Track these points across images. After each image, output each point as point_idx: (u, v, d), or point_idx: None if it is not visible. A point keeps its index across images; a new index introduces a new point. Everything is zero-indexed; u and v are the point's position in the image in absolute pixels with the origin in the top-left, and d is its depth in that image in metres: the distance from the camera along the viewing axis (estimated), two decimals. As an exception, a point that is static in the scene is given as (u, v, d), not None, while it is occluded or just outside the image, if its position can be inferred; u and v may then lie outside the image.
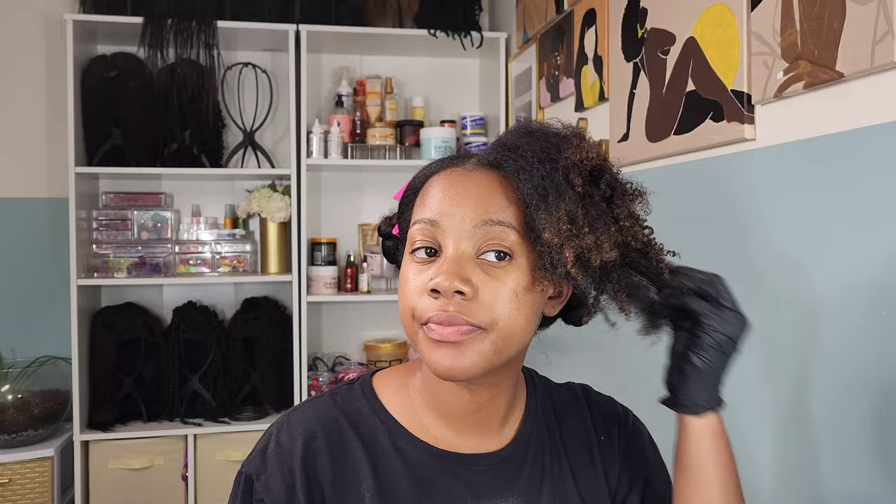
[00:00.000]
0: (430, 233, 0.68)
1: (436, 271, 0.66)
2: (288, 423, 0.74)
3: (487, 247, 0.66)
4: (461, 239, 0.66)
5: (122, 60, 2.55)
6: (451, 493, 0.71)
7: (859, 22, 0.99)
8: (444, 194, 0.68)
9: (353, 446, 0.72)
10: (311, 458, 0.71)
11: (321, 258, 2.67)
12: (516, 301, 0.66)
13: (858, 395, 1.02)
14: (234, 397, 2.63)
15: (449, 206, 0.67)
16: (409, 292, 0.68)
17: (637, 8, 1.63)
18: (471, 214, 0.66)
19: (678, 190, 1.51)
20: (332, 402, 0.76)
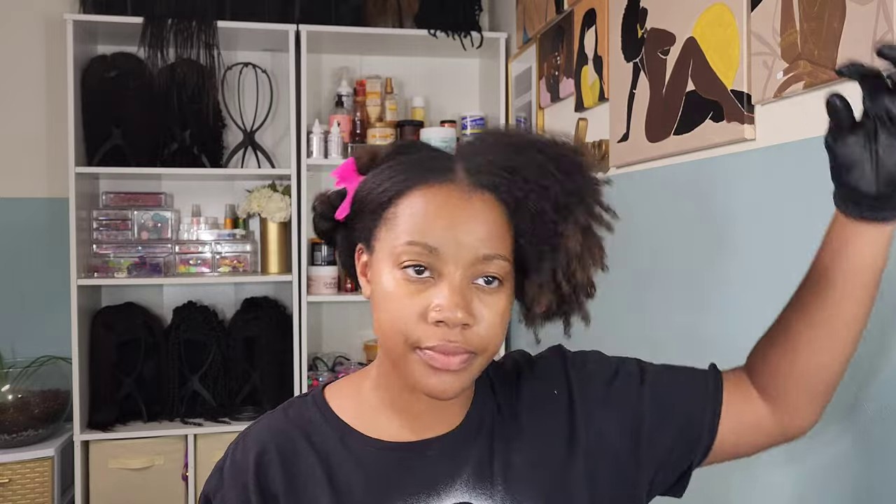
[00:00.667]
0: (426, 256, 0.67)
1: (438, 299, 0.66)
2: (244, 440, 0.76)
3: (481, 273, 0.68)
4: (460, 268, 0.67)
5: (122, 60, 2.55)
6: (405, 484, 0.72)
7: (859, 22, 0.99)
8: (445, 220, 0.67)
9: (305, 455, 0.74)
10: (263, 472, 0.73)
11: (321, 258, 2.67)
12: (503, 324, 0.69)
13: (858, 395, 1.02)
14: (234, 397, 2.63)
15: (452, 234, 0.66)
16: (402, 315, 0.67)
17: (637, 8, 1.63)
18: (475, 247, 0.67)
19: (678, 190, 1.51)
20: (283, 415, 0.78)
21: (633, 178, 1.69)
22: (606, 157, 1.81)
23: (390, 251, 0.68)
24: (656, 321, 1.56)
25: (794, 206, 1.15)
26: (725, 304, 1.34)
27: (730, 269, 1.33)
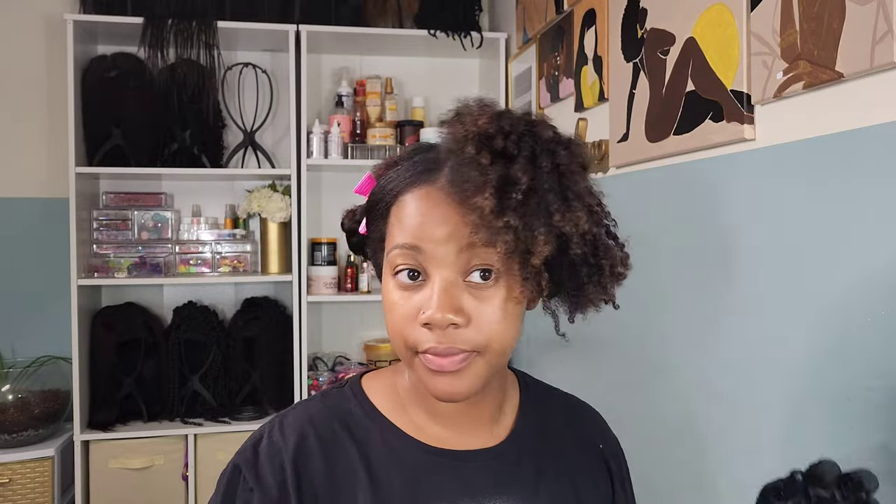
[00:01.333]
0: (413, 257, 0.66)
1: (426, 302, 0.65)
2: (281, 424, 0.74)
3: (472, 268, 0.66)
4: (446, 265, 0.65)
5: (122, 60, 2.55)
6: (446, 490, 0.71)
7: (859, 22, 0.99)
8: (423, 218, 0.66)
9: (346, 447, 0.72)
10: (302, 458, 0.71)
11: (321, 258, 2.68)
12: (506, 318, 0.67)
13: (859, 395, 1.02)
14: (234, 397, 2.63)
15: (430, 231, 0.65)
16: (398, 320, 0.67)
17: (637, 8, 1.63)
18: (454, 239, 0.65)
19: (678, 190, 1.51)
20: (323, 405, 0.76)
21: (633, 178, 1.69)
22: (606, 157, 1.81)
23: (388, 258, 0.69)
24: (656, 321, 1.56)
25: (794, 206, 1.16)
26: (725, 303, 1.34)
27: (729, 268, 1.33)
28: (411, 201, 0.68)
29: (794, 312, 1.15)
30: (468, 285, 0.66)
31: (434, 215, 0.66)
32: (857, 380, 1.03)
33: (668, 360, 1.51)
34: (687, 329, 1.46)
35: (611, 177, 1.81)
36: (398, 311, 0.67)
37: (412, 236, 0.66)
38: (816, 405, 1.11)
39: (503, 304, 0.66)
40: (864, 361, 1.01)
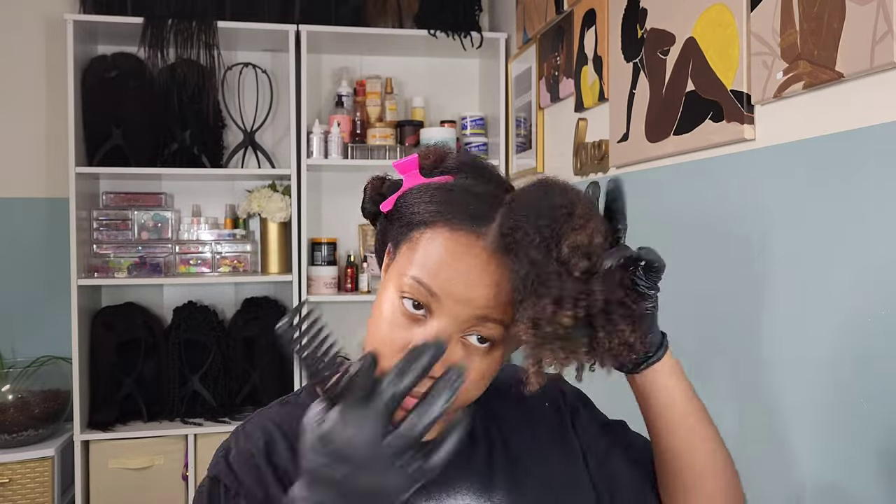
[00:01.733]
0: (426, 297, 0.65)
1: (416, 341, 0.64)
2: (244, 432, 0.75)
3: (474, 330, 0.65)
4: (452, 321, 0.64)
5: (122, 60, 2.55)
6: None
7: (859, 22, 0.99)
8: (453, 270, 0.64)
9: None
10: (273, 455, 0.72)
11: (321, 258, 2.67)
12: (481, 382, 0.68)
13: (859, 395, 1.02)
14: (234, 397, 2.63)
15: (454, 287, 0.64)
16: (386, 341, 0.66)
17: (637, 8, 1.63)
18: (472, 306, 0.64)
19: (678, 190, 1.51)
20: (281, 409, 0.77)
21: (633, 178, 1.69)
22: (606, 157, 1.81)
23: (399, 274, 0.67)
24: (656, 321, 1.56)
25: (794, 206, 1.16)
26: (725, 302, 1.34)
27: (729, 268, 1.33)
28: (447, 244, 0.65)
29: (794, 312, 1.15)
30: (463, 342, 0.66)
31: (464, 274, 0.64)
32: (854, 379, 1.03)
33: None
34: (686, 329, 1.46)
35: (610, 177, 1.81)
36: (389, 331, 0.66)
37: (433, 281, 0.64)
38: (814, 404, 1.11)
39: (487, 369, 0.67)
40: (864, 361, 1.01)
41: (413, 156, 0.72)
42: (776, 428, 1.20)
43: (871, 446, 1.00)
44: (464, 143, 2.76)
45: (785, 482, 1.18)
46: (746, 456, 1.27)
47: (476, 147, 2.74)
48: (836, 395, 1.07)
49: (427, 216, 0.67)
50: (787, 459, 1.17)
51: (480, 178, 0.70)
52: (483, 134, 2.77)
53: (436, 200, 0.67)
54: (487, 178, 0.71)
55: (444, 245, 0.65)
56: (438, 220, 0.66)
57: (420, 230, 0.67)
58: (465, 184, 0.69)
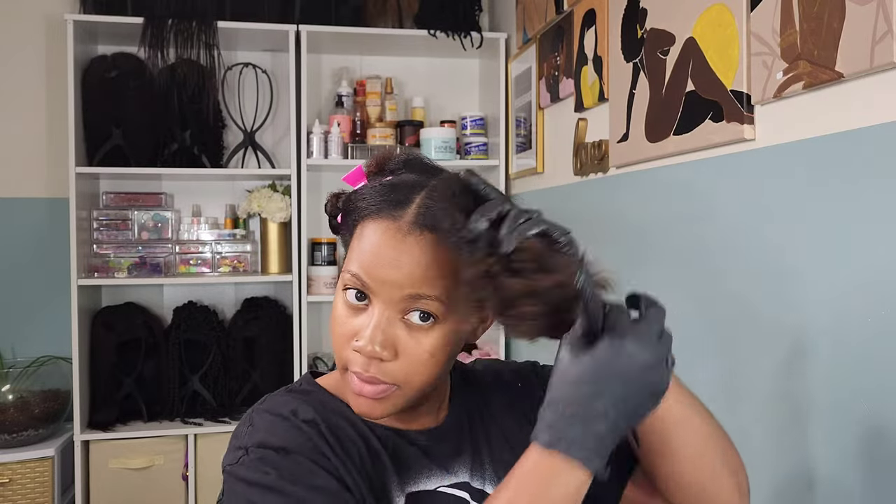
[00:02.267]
0: (362, 286, 0.69)
1: (361, 328, 0.69)
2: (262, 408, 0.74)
3: (413, 308, 0.68)
4: (388, 303, 0.68)
5: (122, 60, 2.55)
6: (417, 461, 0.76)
7: (859, 22, 0.99)
8: (376, 256, 0.68)
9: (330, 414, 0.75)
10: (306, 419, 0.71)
11: (321, 258, 2.67)
12: (431, 361, 0.70)
13: (859, 395, 1.03)
14: (234, 397, 2.63)
15: (379, 271, 0.68)
16: (336, 335, 0.71)
17: (637, 8, 1.63)
18: (399, 285, 0.67)
19: (678, 190, 1.51)
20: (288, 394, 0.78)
21: (632, 178, 1.69)
22: (606, 157, 1.81)
23: (342, 274, 0.72)
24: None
25: (794, 206, 1.16)
26: (725, 302, 1.34)
27: (729, 268, 1.33)
28: (370, 233, 0.69)
29: (794, 312, 1.15)
30: (405, 322, 0.69)
31: (386, 257, 0.67)
32: (854, 380, 1.03)
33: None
34: (686, 329, 1.46)
35: (610, 177, 1.81)
36: (338, 328, 0.71)
37: (363, 271, 0.68)
38: (814, 404, 1.11)
39: (433, 347, 0.69)
40: (865, 361, 1.01)
41: (358, 167, 0.76)
42: (776, 428, 1.20)
43: (871, 446, 1.00)
44: (464, 143, 2.76)
45: (785, 482, 1.18)
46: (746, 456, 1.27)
47: (476, 147, 2.74)
48: (836, 395, 1.07)
49: (357, 215, 0.72)
50: (788, 460, 1.17)
51: (421, 172, 0.73)
52: (483, 134, 2.77)
53: (364, 197, 0.72)
54: (427, 170, 0.73)
55: (370, 234, 0.69)
56: (365, 216, 0.70)
57: (354, 229, 0.72)
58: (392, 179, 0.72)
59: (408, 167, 0.74)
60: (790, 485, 1.17)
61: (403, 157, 0.75)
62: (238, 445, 0.70)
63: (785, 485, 1.18)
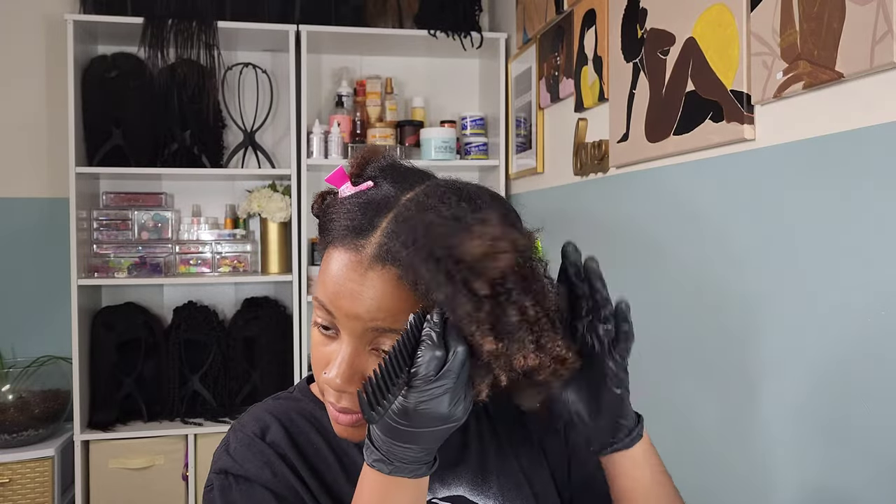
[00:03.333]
0: (328, 316, 0.68)
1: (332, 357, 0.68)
2: (241, 425, 0.77)
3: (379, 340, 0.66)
4: (354, 336, 0.66)
5: (122, 60, 2.55)
6: None
7: (859, 22, 0.99)
8: (338, 287, 0.66)
9: (308, 431, 0.77)
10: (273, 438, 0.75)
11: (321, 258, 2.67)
12: None
13: (858, 395, 1.03)
14: (234, 397, 2.63)
15: (341, 303, 0.66)
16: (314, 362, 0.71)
17: (637, 8, 1.63)
18: (361, 319, 0.65)
19: (677, 190, 1.51)
20: (273, 402, 0.80)
21: (633, 178, 1.69)
22: (606, 157, 1.81)
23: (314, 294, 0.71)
24: (655, 320, 1.56)
25: (794, 207, 1.16)
26: (725, 302, 1.34)
27: (729, 268, 1.33)
28: (334, 262, 0.67)
29: (794, 312, 1.15)
30: (374, 351, 0.67)
31: (346, 289, 0.65)
32: (854, 380, 1.03)
33: (666, 361, 1.50)
34: (686, 329, 1.46)
35: (610, 177, 1.81)
36: (315, 352, 0.71)
37: (327, 300, 0.67)
38: (813, 404, 1.11)
39: None
40: (865, 361, 1.01)
41: (339, 168, 0.74)
42: (777, 428, 1.20)
43: (871, 447, 1.00)
44: (464, 143, 2.76)
45: (785, 483, 1.18)
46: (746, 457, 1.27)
47: (476, 147, 2.74)
48: (836, 395, 1.07)
49: (327, 236, 0.70)
50: (788, 460, 1.17)
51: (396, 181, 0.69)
52: (483, 134, 2.77)
53: (330, 219, 0.69)
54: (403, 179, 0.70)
55: (332, 263, 0.67)
56: (330, 241, 0.68)
57: (325, 250, 0.70)
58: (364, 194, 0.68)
59: (384, 175, 0.70)
60: (791, 484, 1.17)
61: (381, 164, 0.72)
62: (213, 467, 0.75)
63: (785, 483, 1.18)
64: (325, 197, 0.75)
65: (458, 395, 0.59)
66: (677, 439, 1.47)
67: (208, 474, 0.76)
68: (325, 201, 0.74)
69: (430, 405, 0.58)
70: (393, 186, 0.68)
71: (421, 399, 0.57)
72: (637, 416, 0.71)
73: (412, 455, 0.61)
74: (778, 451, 1.19)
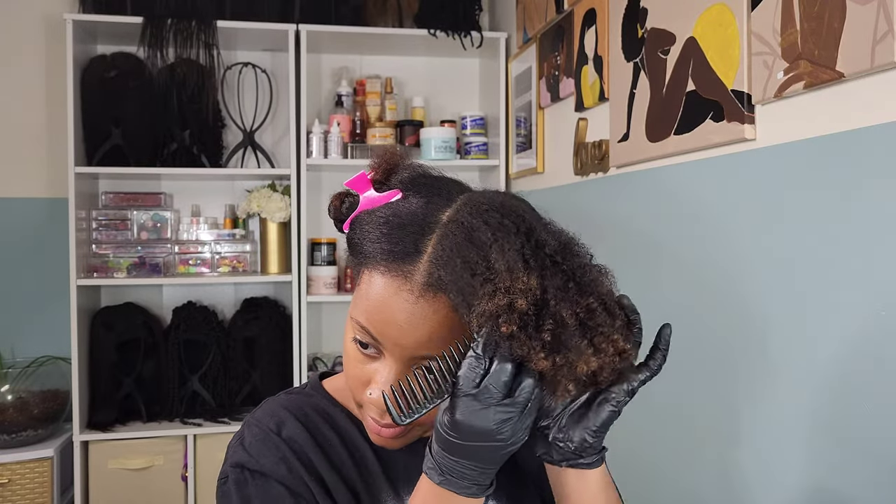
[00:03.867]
0: (370, 340, 0.67)
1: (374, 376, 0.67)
2: (254, 418, 0.77)
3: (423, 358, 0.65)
4: (398, 358, 0.66)
5: (121, 60, 2.55)
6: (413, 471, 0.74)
7: (859, 22, 0.99)
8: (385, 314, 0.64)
9: (321, 426, 0.76)
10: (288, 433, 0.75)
11: (321, 258, 2.67)
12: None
13: (858, 395, 1.02)
14: (233, 397, 2.63)
15: (389, 331, 0.65)
16: (351, 377, 0.70)
17: (637, 8, 1.63)
18: (409, 347, 0.65)
19: (678, 190, 1.51)
20: (288, 398, 0.80)
21: (633, 178, 1.69)
22: (606, 157, 1.81)
23: (351, 313, 0.69)
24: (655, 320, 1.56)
25: (794, 206, 1.15)
26: (725, 302, 1.34)
27: (729, 268, 1.33)
28: (378, 287, 0.65)
29: (794, 312, 1.15)
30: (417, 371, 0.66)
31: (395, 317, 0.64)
32: (854, 380, 1.03)
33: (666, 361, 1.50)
34: (686, 329, 1.46)
35: (611, 177, 1.80)
36: (351, 370, 0.70)
37: (371, 326, 0.66)
38: (813, 405, 1.11)
39: None
40: (865, 361, 1.01)
41: (361, 173, 0.72)
42: (777, 428, 1.20)
43: (871, 447, 1.00)
44: (464, 143, 2.75)
45: (785, 483, 1.18)
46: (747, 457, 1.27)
47: (476, 147, 2.73)
48: (836, 395, 1.07)
49: (366, 255, 0.67)
50: (788, 460, 1.17)
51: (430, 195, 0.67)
52: (483, 134, 2.77)
53: (371, 239, 0.66)
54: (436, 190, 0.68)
55: (377, 289, 0.65)
56: (373, 261, 0.66)
57: (363, 268, 0.68)
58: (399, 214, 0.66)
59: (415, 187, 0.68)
60: (791, 484, 1.17)
61: (410, 174, 0.70)
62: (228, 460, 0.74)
63: (786, 483, 1.18)
64: (345, 199, 0.73)
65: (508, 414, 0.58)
66: (676, 439, 1.47)
67: (222, 467, 0.75)
68: (344, 204, 0.73)
69: (471, 419, 0.58)
70: (427, 201, 0.66)
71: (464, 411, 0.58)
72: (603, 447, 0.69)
73: (463, 471, 0.60)
74: (778, 450, 1.19)
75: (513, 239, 0.59)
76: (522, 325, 0.56)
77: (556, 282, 0.58)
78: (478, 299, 0.57)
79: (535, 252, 0.59)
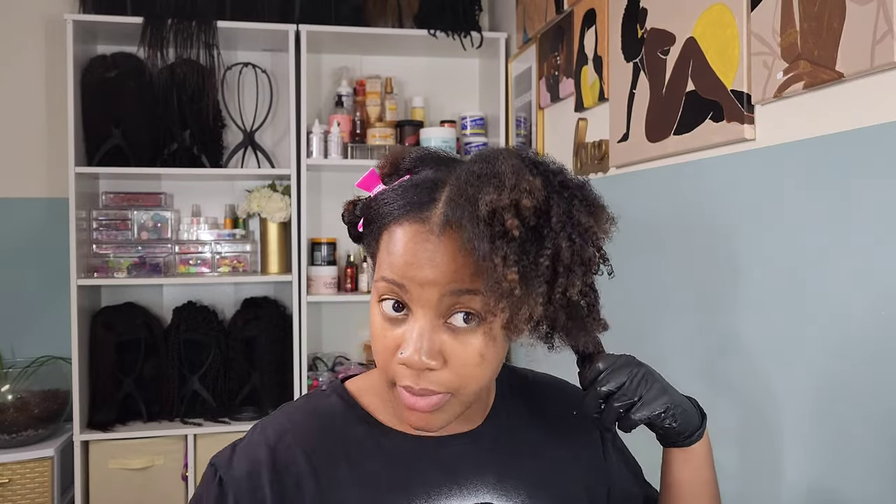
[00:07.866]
0: (397, 293, 0.66)
1: (405, 339, 0.66)
2: (263, 425, 0.77)
3: (455, 310, 0.65)
4: (429, 307, 0.65)
5: (122, 60, 2.55)
6: (428, 475, 0.74)
7: (859, 22, 0.99)
8: (410, 258, 0.65)
9: (326, 438, 0.75)
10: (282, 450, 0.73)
11: (321, 258, 2.67)
12: (483, 363, 0.67)
13: (858, 395, 1.02)
14: (234, 397, 2.63)
15: (416, 272, 0.65)
16: (379, 350, 0.69)
17: (637, 8, 1.63)
18: (438, 284, 0.64)
19: (678, 190, 1.51)
20: (305, 402, 0.80)
21: (633, 178, 1.69)
22: (606, 157, 1.81)
23: (375, 284, 0.69)
24: (656, 321, 1.56)
25: (794, 206, 1.15)
26: (725, 302, 1.34)
27: (729, 268, 1.33)
28: (400, 237, 0.66)
29: (794, 312, 1.15)
30: (448, 326, 0.66)
31: (420, 257, 0.65)
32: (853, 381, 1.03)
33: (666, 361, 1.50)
34: (686, 329, 1.46)
35: (611, 177, 1.80)
36: (379, 342, 0.69)
37: (397, 275, 0.66)
38: (813, 406, 1.11)
39: (482, 348, 0.66)
40: (865, 361, 1.01)
41: (371, 170, 0.73)
42: (777, 429, 1.20)
43: (871, 447, 1.00)
44: (464, 143, 2.76)
45: (785, 483, 1.18)
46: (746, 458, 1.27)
47: (476, 147, 2.73)
48: (836, 395, 1.07)
49: (381, 221, 0.69)
50: (787, 460, 1.17)
51: (436, 166, 0.70)
52: (483, 134, 2.77)
53: (385, 203, 0.69)
54: (442, 163, 0.70)
55: (399, 238, 0.66)
56: (390, 221, 0.68)
57: (380, 236, 0.69)
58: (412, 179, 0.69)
59: (423, 164, 0.71)
60: (791, 485, 1.17)
61: (416, 154, 0.72)
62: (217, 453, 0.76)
63: (785, 484, 1.18)
64: (357, 203, 0.75)
65: None
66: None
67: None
68: (356, 207, 0.75)
69: None
70: (437, 170, 0.69)
71: None
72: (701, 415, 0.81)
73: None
74: (778, 450, 1.19)
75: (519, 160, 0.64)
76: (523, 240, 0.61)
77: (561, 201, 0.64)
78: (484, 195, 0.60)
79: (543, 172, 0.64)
